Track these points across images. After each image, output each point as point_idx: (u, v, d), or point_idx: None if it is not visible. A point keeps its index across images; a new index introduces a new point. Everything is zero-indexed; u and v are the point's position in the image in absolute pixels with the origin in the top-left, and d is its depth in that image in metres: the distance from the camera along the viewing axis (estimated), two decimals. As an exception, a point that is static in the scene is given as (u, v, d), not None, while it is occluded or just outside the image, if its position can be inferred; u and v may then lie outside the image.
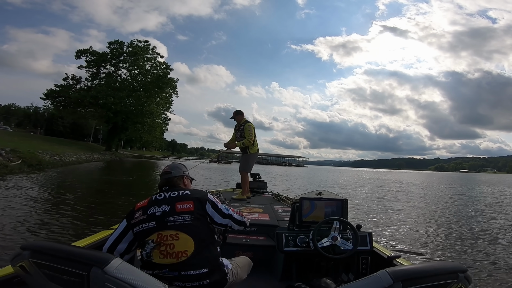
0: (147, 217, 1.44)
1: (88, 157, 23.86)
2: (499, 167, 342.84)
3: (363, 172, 66.49)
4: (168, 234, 1.39)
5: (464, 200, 13.35)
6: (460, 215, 8.89)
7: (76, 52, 35.28)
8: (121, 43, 36.94)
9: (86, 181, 11.92)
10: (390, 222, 7.36)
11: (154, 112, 36.26)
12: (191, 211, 1.45)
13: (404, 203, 11.22)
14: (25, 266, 1.03)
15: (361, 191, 15.97)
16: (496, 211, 10.02)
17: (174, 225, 1.41)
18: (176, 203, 1.47)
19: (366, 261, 2.31)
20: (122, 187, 10.77)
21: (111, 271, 0.98)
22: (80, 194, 8.28)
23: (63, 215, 5.52)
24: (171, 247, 1.38)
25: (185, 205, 1.46)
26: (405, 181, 30.38)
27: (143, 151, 78.23)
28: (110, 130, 37.50)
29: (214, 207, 1.55)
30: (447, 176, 75.66)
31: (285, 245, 2.19)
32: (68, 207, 6.25)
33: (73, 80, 35.05)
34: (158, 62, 37.71)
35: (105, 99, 31.77)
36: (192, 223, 1.43)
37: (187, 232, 1.40)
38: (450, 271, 1.14)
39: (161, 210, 1.44)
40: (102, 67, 36.09)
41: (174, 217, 1.42)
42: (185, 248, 1.38)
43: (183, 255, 1.37)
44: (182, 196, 1.51)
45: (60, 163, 16.50)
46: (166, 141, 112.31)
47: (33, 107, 62.16)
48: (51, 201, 6.97)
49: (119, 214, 5.74)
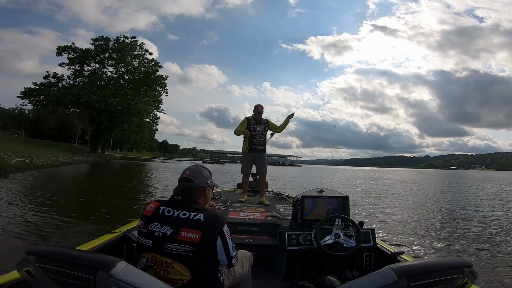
0: (147, 232, 1.33)
1: (67, 159, 22.13)
2: (487, 164, 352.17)
3: (357, 171, 66.84)
4: (163, 260, 1.29)
5: (463, 196, 13.43)
6: (461, 211, 8.84)
7: (57, 48, 33.26)
8: (106, 39, 35.03)
9: (42, 189, 9.34)
10: (392, 218, 7.23)
11: (142, 111, 34.25)
12: (195, 244, 1.28)
13: (405, 200, 11.16)
14: (31, 271, 1.03)
15: (360, 189, 15.79)
16: (495, 205, 10.22)
17: (171, 254, 1.28)
18: (181, 229, 1.29)
19: (370, 258, 2.29)
20: (89, 201, 8.20)
21: (116, 274, 0.96)
22: (20, 208, 6.30)
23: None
24: (165, 273, 1.29)
25: (190, 234, 1.28)
26: (400, 179, 30.37)
27: (133, 153, 75.96)
28: (95, 130, 35.38)
29: (226, 243, 1.35)
30: (439, 173, 77.60)
31: (288, 244, 2.18)
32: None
33: (55, 78, 32.95)
34: (147, 59, 35.94)
35: (88, 97, 29.90)
36: (193, 256, 1.28)
37: (184, 264, 1.27)
38: (455, 266, 1.11)
39: (161, 232, 1.30)
40: (85, 64, 34.03)
41: (172, 245, 1.28)
42: (181, 276, 1.28)
43: (178, 282, 1.28)
44: (191, 221, 1.31)
45: (30, 167, 14.91)
46: (157, 142, 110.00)
47: (18, 109, 59.52)
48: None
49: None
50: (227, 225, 1.38)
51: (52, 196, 8.07)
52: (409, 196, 12.79)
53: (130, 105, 32.09)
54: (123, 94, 32.67)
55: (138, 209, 6.91)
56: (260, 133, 4.28)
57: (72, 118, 36.37)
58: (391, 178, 30.84)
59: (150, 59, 36.10)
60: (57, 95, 30.08)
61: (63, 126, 52.42)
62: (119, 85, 34.16)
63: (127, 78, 34.78)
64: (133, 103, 32.18)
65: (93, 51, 33.90)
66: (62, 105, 31.61)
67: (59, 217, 5.71)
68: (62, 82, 33.12)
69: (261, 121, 4.32)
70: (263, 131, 4.31)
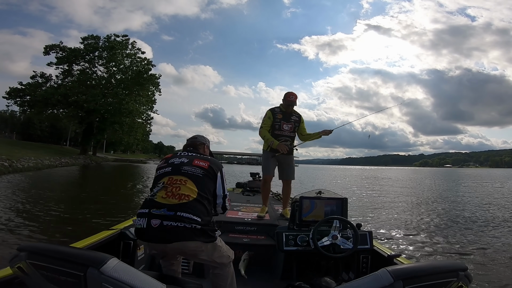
0: (167, 164, 1.64)
1: (53, 162, 20.77)
2: (481, 161, 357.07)
3: (354, 170, 66.89)
4: (178, 178, 1.53)
5: (461, 196, 13.29)
6: (460, 212, 8.68)
7: (45, 48, 31.73)
8: (96, 38, 33.65)
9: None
10: (389, 220, 7.21)
11: (134, 111, 32.84)
12: (205, 169, 1.60)
13: (402, 200, 11.08)
14: (23, 267, 1.03)
15: (358, 189, 15.64)
16: (494, 204, 10.11)
17: (186, 173, 1.55)
18: (195, 159, 1.64)
19: (367, 260, 2.29)
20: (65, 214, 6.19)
21: (107, 271, 0.97)
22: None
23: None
24: (177, 189, 1.48)
25: (201, 163, 1.62)
26: (397, 177, 30.28)
27: (128, 155, 74.27)
28: (85, 131, 33.86)
29: (222, 180, 1.67)
30: (435, 171, 78.64)
31: (285, 244, 2.18)
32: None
33: (42, 78, 31.46)
34: (139, 58, 34.57)
35: (76, 96, 28.51)
36: (203, 177, 1.57)
37: (195, 182, 1.53)
38: (451, 269, 1.13)
39: (179, 161, 1.63)
40: (75, 64, 32.55)
41: (188, 167, 1.58)
42: (189, 193, 1.48)
43: (185, 197, 1.46)
44: (201, 157, 1.68)
45: (10, 170, 13.73)
46: (152, 144, 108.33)
47: (9, 111, 57.59)
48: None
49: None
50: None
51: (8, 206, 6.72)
52: (406, 196, 12.60)
53: (121, 105, 30.75)
54: (114, 94, 31.32)
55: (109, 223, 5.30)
56: (287, 135, 3.12)
57: (63, 119, 34.79)
58: (387, 177, 30.55)
59: (142, 58, 34.83)
60: (44, 95, 28.66)
61: (55, 128, 50.84)
62: (110, 84, 32.76)
63: (119, 78, 33.42)
64: (124, 103, 30.84)
65: (83, 50, 32.52)
66: (50, 105, 30.02)
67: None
68: (50, 82, 31.66)
69: (291, 116, 3.13)
70: (291, 132, 3.14)
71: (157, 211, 1.40)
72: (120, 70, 33.65)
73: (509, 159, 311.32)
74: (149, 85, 34.57)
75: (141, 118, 37.03)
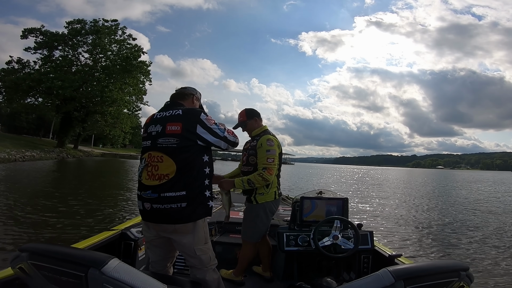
0: (147, 135, 1.50)
1: (13, 155, 17.57)
2: (472, 163, 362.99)
3: (350, 169, 66.38)
4: (155, 155, 1.42)
5: (458, 197, 13.51)
6: (459, 213, 8.69)
7: (23, 31, 28.78)
8: (82, 21, 30.72)
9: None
10: (390, 220, 7.17)
11: (118, 100, 29.86)
12: (178, 134, 1.43)
13: (401, 201, 11.07)
14: (24, 268, 1.03)
15: (359, 189, 15.73)
16: (492, 206, 10.33)
17: (161, 147, 1.43)
18: (167, 123, 1.46)
19: (368, 260, 2.29)
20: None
21: (108, 271, 0.97)
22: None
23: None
24: (155, 168, 1.40)
25: (173, 127, 1.44)
26: (394, 178, 30.57)
27: (117, 149, 71.22)
28: (62, 121, 30.66)
29: (207, 128, 1.48)
30: (428, 172, 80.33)
31: (286, 245, 2.17)
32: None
33: (19, 64, 28.48)
34: (129, 45, 31.58)
35: (51, 82, 25.61)
36: (177, 146, 1.42)
37: (170, 156, 1.40)
38: (452, 269, 1.13)
39: (155, 130, 1.47)
40: (56, 49, 29.70)
41: (162, 139, 1.44)
42: (167, 171, 1.39)
43: (164, 177, 1.39)
44: (173, 116, 1.47)
45: None
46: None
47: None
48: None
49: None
50: (205, 115, 1.50)
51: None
52: (405, 196, 12.76)
53: (103, 93, 27.83)
54: (95, 80, 28.42)
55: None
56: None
57: (37, 108, 31.82)
58: (387, 178, 30.88)
59: (133, 44, 31.80)
60: (14, 80, 25.70)
61: (42, 120, 47.85)
62: (95, 70, 29.86)
63: (104, 64, 30.50)
64: (107, 91, 27.94)
65: (66, 35, 29.59)
66: (20, 91, 26.99)
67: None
68: (27, 68, 28.53)
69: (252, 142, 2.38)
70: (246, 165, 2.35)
71: (144, 194, 1.41)
72: (106, 57, 30.75)
73: (500, 162, 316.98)
74: (138, 73, 31.69)
75: (128, 109, 34.11)
